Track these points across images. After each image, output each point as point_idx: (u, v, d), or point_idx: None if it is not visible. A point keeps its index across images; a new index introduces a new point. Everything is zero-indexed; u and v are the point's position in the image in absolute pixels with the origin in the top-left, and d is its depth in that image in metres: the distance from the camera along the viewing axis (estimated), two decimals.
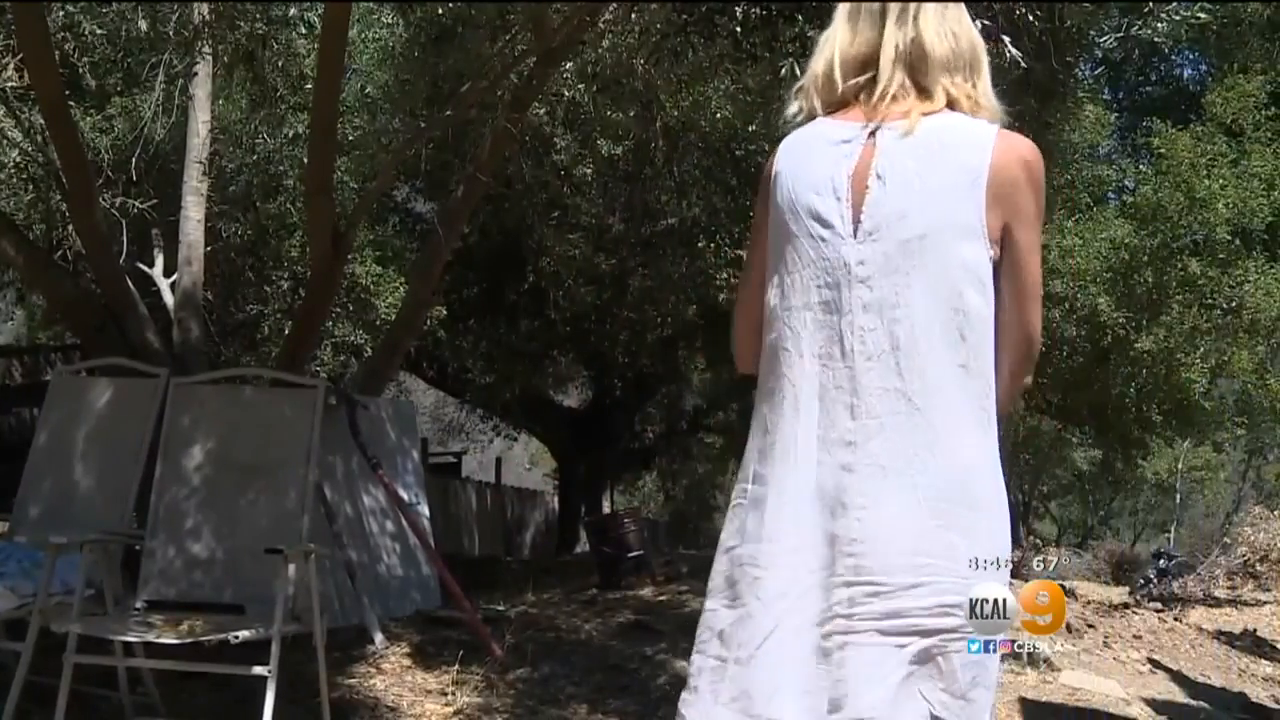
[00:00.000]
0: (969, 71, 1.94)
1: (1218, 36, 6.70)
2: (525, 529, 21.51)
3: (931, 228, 1.85)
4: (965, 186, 1.85)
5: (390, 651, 6.44)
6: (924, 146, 1.89)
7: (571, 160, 9.35)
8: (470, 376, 15.19)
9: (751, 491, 1.96)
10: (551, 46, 6.36)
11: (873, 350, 1.87)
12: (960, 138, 1.89)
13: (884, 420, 1.85)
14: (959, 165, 1.87)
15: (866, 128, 1.92)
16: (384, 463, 7.28)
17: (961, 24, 1.97)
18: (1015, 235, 1.88)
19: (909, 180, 1.87)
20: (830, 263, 1.90)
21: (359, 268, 9.88)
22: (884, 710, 1.78)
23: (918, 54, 1.93)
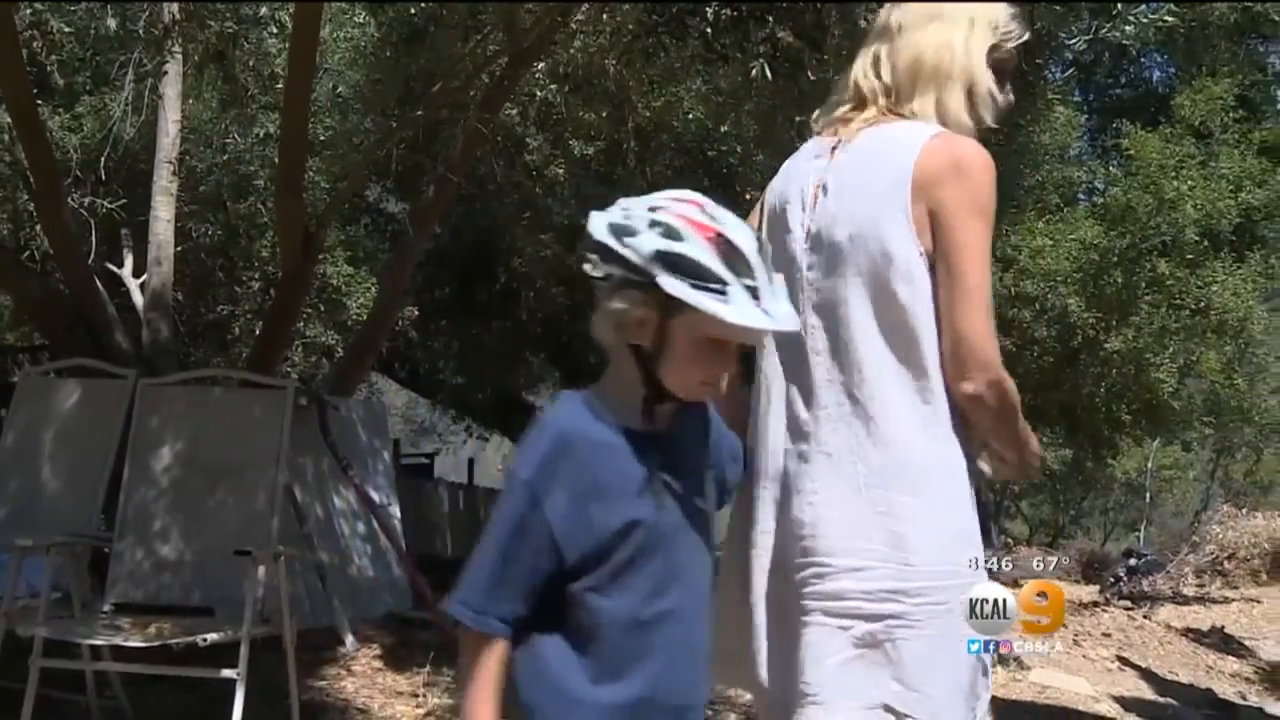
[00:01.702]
0: (932, 84, 2.01)
1: (1185, 39, 6.74)
2: None
3: (860, 227, 1.94)
4: (891, 184, 1.92)
5: (361, 653, 6.42)
6: (861, 154, 1.99)
7: (543, 160, 9.33)
8: (442, 377, 15.14)
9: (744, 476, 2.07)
10: (523, 47, 6.35)
11: (820, 346, 1.98)
12: (894, 142, 1.97)
13: (830, 411, 1.95)
14: (887, 164, 1.94)
15: (832, 143, 2.05)
16: (355, 464, 7.26)
17: (933, 41, 2.01)
18: (944, 231, 1.89)
19: (843, 187, 1.98)
20: (790, 266, 2.00)
21: (330, 268, 9.84)
22: (823, 689, 1.87)
23: (887, 74, 2.04)
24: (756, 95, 5.45)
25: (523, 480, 1.66)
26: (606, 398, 1.71)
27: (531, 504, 1.64)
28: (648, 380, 1.67)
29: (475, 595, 1.68)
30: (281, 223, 7.17)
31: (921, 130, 1.96)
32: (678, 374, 1.67)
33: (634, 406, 1.69)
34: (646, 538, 1.66)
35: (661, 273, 1.60)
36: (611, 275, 1.65)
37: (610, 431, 1.68)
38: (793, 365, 2.02)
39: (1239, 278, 12.24)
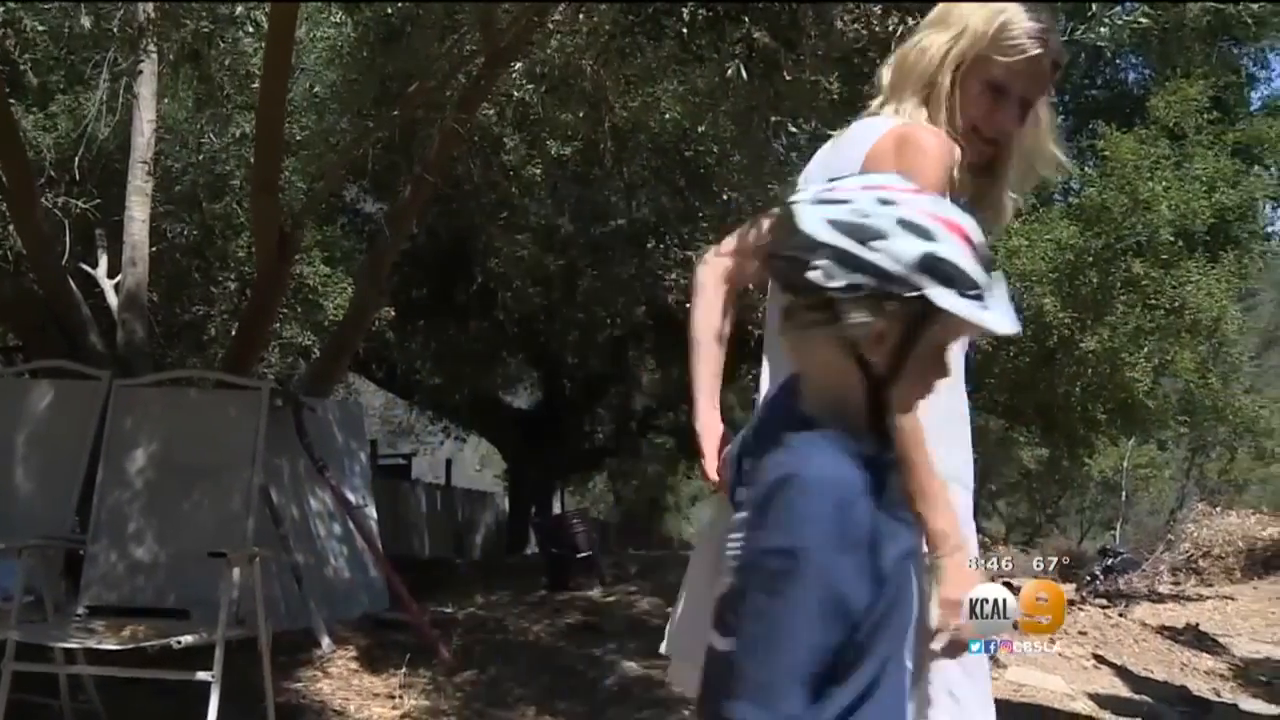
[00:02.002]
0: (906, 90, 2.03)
1: (1160, 41, 6.77)
2: (475, 530, 21.41)
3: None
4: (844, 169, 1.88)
5: (337, 655, 6.41)
6: (831, 145, 2.07)
7: (520, 161, 9.31)
8: (419, 378, 15.11)
9: None
10: (500, 47, 6.34)
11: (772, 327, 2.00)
12: (859, 132, 2.01)
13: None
14: (842, 155, 1.98)
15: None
16: (331, 465, 7.23)
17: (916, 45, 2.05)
18: None
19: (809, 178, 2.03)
20: None
21: (306, 268, 9.79)
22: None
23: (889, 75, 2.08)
24: (733, 96, 5.45)
25: (816, 561, 1.39)
26: (833, 426, 1.48)
27: (828, 584, 1.40)
28: (874, 400, 1.49)
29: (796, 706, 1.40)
30: (257, 223, 7.14)
31: (886, 123, 1.98)
32: (908, 390, 1.52)
33: (858, 430, 1.49)
34: (907, 572, 1.50)
35: (930, 283, 1.41)
36: (859, 286, 1.42)
37: (863, 471, 1.44)
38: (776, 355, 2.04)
39: (1213, 278, 12.30)
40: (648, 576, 9.34)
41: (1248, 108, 15.50)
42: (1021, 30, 1.96)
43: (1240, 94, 15.36)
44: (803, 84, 4.93)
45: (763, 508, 1.43)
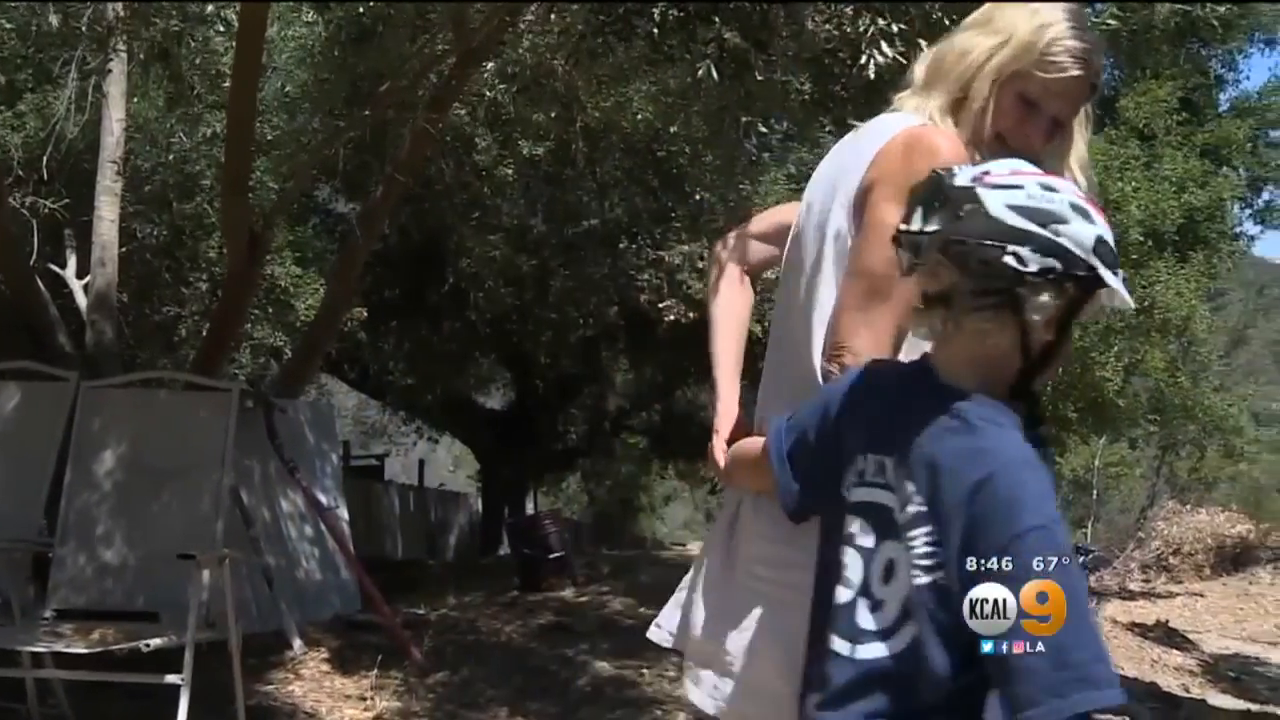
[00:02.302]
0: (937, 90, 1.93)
1: (1129, 43, 6.82)
2: (449, 531, 21.36)
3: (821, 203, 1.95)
4: (848, 168, 1.89)
5: (309, 657, 6.38)
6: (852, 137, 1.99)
7: (492, 161, 9.31)
8: (392, 378, 15.07)
9: None
10: (471, 46, 6.33)
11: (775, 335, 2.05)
12: (877, 127, 1.93)
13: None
14: (865, 144, 1.90)
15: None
16: (302, 466, 7.20)
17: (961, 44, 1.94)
18: (869, 205, 1.84)
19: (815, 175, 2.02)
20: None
21: (278, 269, 9.75)
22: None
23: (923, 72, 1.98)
24: (704, 96, 5.46)
25: (1063, 530, 1.46)
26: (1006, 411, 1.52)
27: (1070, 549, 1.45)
28: (1024, 384, 1.55)
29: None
30: (227, 223, 7.11)
31: (902, 120, 1.92)
32: (1050, 371, 1.58)
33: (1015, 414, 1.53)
34: None
35: (1100, 265, 1.48)
36: (1051, 269, 1.46)
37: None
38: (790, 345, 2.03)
39: (1182, 278, 12.41)
40: (620, 577, 9.35)
41: (1216, 109, 15.64)
42: (1065, 49, 1.87)
43: (1209, 96, 15.49)
44: (774, 84, 4.94)
45: (990, 494, 1.43)
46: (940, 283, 1.53)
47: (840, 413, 1.66)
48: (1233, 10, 8.08)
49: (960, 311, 1.51)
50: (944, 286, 1.52)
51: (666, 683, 6.29)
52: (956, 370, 1.55)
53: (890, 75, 4.58)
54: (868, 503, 1.57)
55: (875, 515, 1.56)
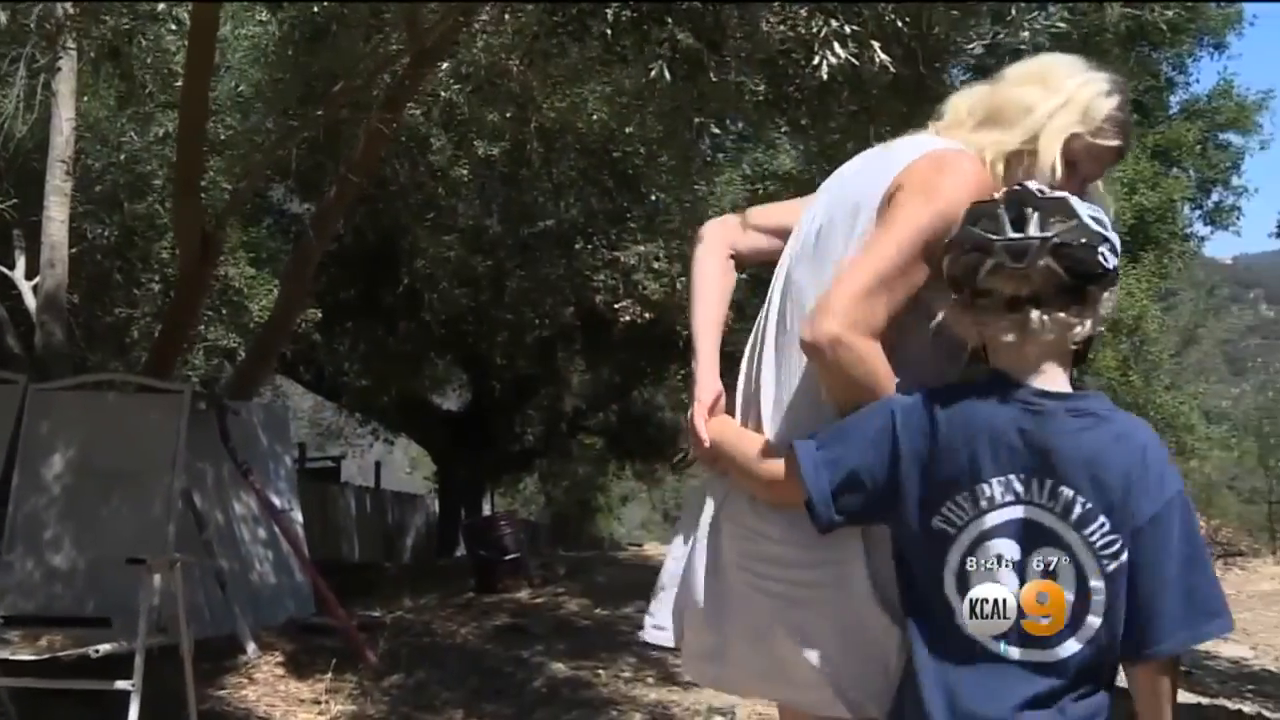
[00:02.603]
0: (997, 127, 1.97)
1: (1081, 45, 6.89)
2: (406, 533, 21.28)
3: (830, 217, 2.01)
4: (873, 178, 1.96)
5: (263, 661, 6.34)
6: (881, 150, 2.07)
7: (447, 161, 9.27)
8: (347, 379, 14.99)
9: None
10: (425, 46, 6.30)
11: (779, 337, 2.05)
12: (910, 142, 2.01)
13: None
14: (883, 161, 1.98)
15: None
16: (255, 468, 7.15)
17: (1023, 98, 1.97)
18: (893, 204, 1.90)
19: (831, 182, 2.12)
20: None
21: (232, 269, 9.68)
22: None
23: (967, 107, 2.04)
24: (659, 97, 5.46)
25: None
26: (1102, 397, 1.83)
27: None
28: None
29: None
30: (179, 223, 7.04)
31: (933, 139, 1.99)
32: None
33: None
34: None
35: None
36: (1118, 267, 1.76)
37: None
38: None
39: (1133, 278, 12.55)
40: (576, 578, 9.35)
41: (1167, 112, 15.84)
42: (1114, 120, 1.97)
43: (1159, 99, 15.69)
44: (728, 85, 4.95)
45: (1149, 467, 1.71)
46: (1032, 285, 1.70)
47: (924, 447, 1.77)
48: (1181, 15, 8.19)
49: (1053, 308, 1.70)
50: (1035, 288, 1.70)
51: (622, 683, 6.30)
52: (1043, 367, 1.75)
53: (843, 76, 4.61)
54: (1008, 522, 1.72)
55: (1019, 530, 1.72)
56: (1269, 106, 16.22)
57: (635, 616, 8.28)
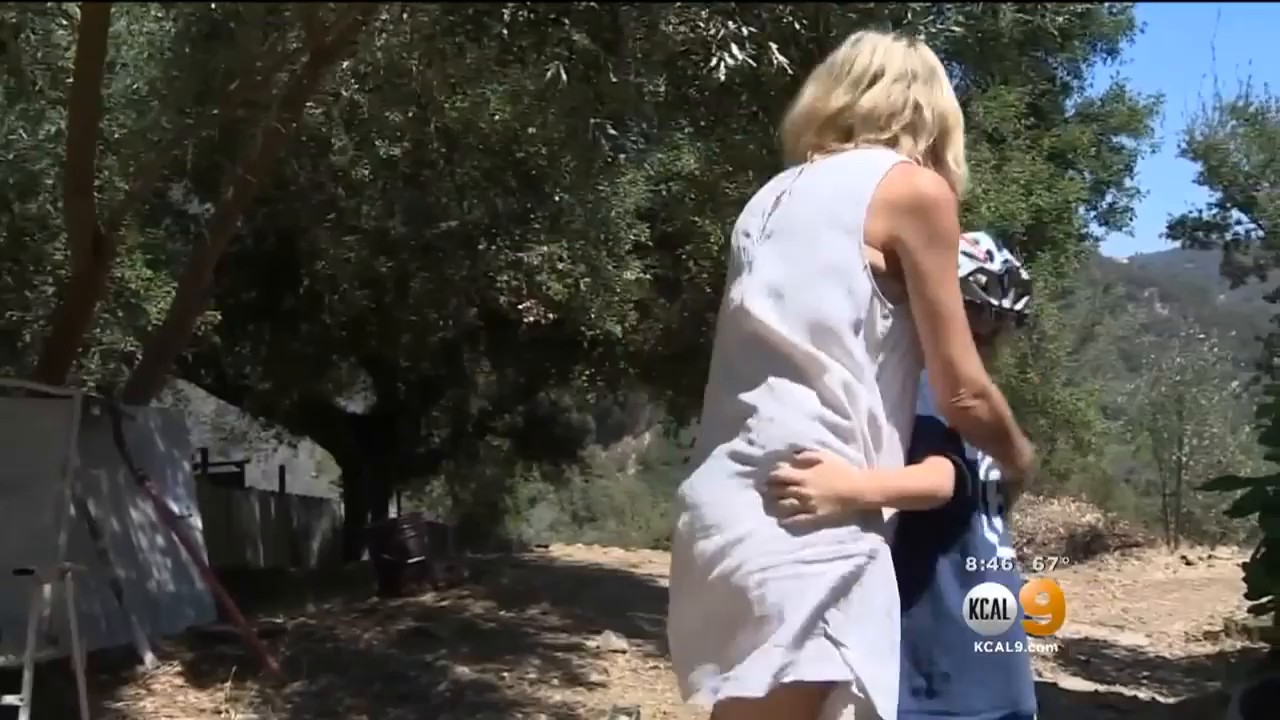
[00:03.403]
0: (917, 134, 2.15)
1: (978, 50, 7.02)
2: (312, 538, 21.02)
3: (809, 221, 2.08)
4: (844, 195, 2.05)
5: (161, 671, 6.22)
6: (828, 168, 2.13)
7: (348, 162, 9.17)
8: (248, 383, 14.75)
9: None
10: (324, 45, 6.23)
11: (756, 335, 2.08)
12: (861, 161, 2.10)
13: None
14: (846, 177, 2.08)
15: (799, 168, 2.18)
16: (152, 474, 7.01)
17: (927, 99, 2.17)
18: (909, 261, 2.01)
19: (800, 191, 2.13)
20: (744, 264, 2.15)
21: (128, 271, 9.47)
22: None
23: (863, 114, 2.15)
24: (559, 97, 5.45)
25: None
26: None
27: None
28: None
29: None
30: (70, 224, 6.88)
31: (888, 156, 2.09)
32: None
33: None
34: None
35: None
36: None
37: None
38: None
39: (1031, 276, 12.77)
40: (481, 580, 9.30)
41: (1062, 115, 16.17)
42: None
43: (1055, 102, 16.03)
44: (627, 86, 4.96)
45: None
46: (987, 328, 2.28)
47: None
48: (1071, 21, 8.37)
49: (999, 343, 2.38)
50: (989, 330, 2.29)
51: (527, 685, 6.29)
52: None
53: (741, 78, 4.64)
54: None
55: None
56: (1160, 111, 16.66)
57: (540, 618, 8.27)
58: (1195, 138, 15.13)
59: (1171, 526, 21.75)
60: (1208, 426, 22.47)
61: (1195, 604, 12.09)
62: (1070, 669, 8.72)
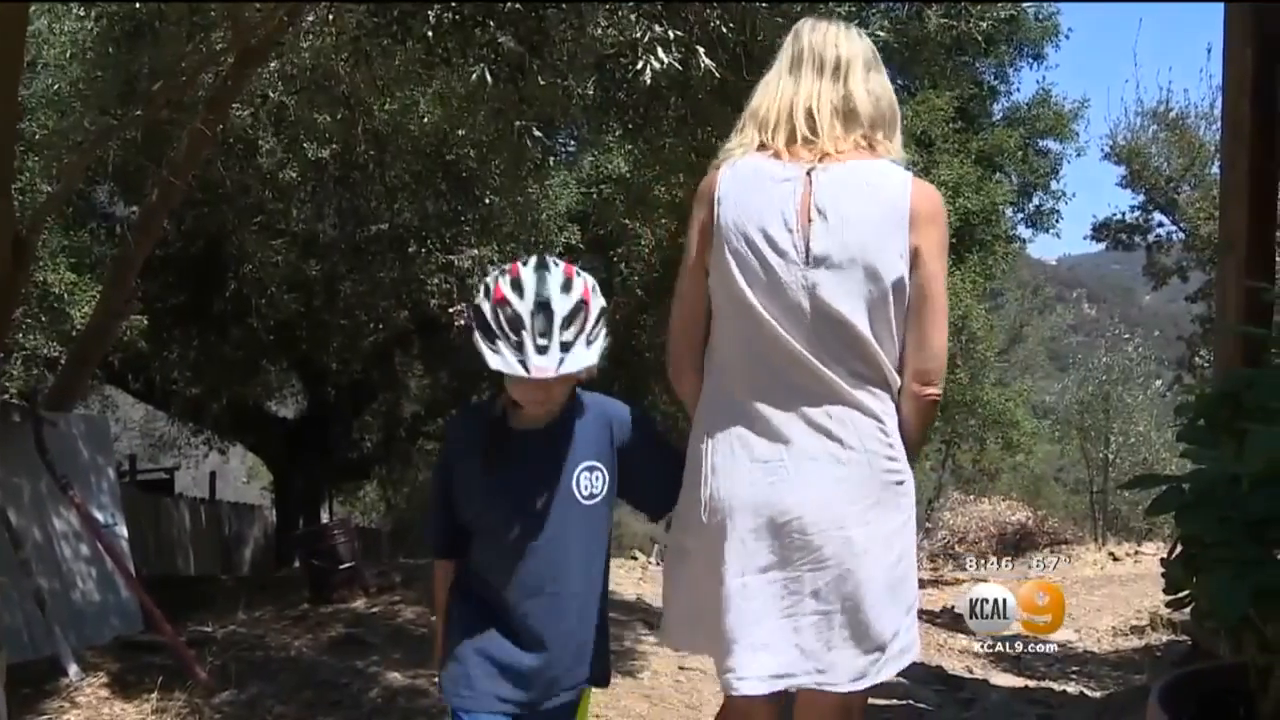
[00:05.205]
0: (887, 128, 2.40)
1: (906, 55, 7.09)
2: (244, 545, 20.77)
3: (864, 253, 2.25)
4: (888, 218, 2.26)
5: (86, 683, 6.12)
6: (854, 185, 2.29)
7: (276, 164, 9.07)
8: (176, 388, 14.55)
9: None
10: (249, 45, 6.16)
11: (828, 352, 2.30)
12: (883, 179, 2.30)
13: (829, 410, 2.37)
14: (883, 199, 2.27)
15: (804, 168, 2.31)
16: (76, 482, 6.89)
17: (883, 88, 2.41)
18: (925, 261, 2.28)
19: (844, 215, 2.27)
20: (788, 284, 2.28)
21: (51, 275, 9.31)
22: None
23: (848, 109, 2.36)
24: (487, 99, 5.43)
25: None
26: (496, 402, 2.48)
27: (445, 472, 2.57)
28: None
29: None
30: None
31: (898, 170, 2.32)
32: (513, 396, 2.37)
33: (505, 410, 2.44)
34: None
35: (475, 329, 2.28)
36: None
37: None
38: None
39: (958, 278, 12.92)
40: (412, 585, 9.22)
41: (990, 119, 16.40)
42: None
43: (983, 106, 16.26)
44: (554, 88, 4.95)
45: None
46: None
47: None
48: (996, 26, 8.47)
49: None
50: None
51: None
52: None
53: (668, 81, 4.65)
54: None
55: None
56: (1084, 115, 16.94)
57: None
58: (1118, 142, 15.36)
59: (1099, 524, 22.09)
60: (1134, 425, 22.85)
61: (1122, 599, 12.29)
62: (1001, 665, 8.83)
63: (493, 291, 2.25)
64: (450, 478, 2.45)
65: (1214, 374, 8.26)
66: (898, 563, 2.30)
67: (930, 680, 7.66)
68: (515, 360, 2.22)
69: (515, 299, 2.22)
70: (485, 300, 2.26)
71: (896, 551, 2.30)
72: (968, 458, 20.90)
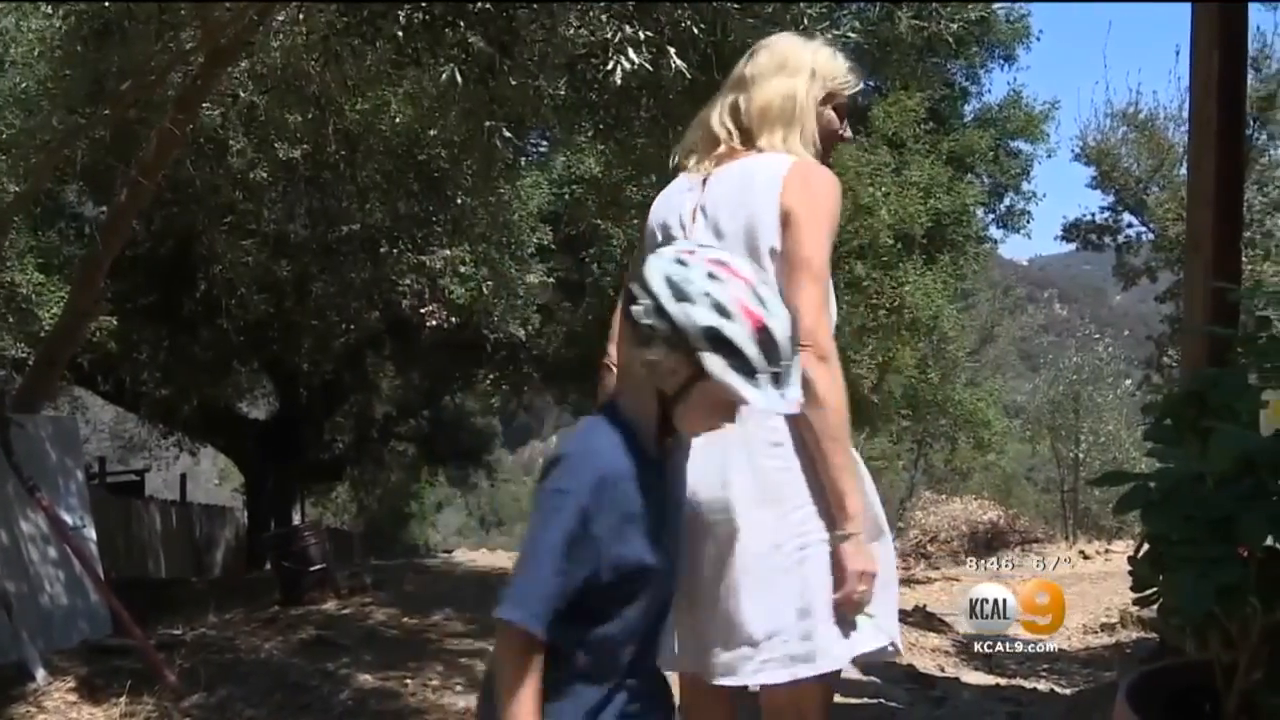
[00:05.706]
0: (785, 128, 2.42)
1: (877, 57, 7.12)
2: (215, 547, 20.66)
3: (746, 234, 2.34)
4: (769, 194, 2.33)
5: (54, 687, 6.06)
6: (732, 178, 2.41)
7: (247, 164, 9.02)
8: (146, 389, 14.47)
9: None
10: (219, 45, 6.13)
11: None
12: (763, 167, 2.38)
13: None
14: (760, 178, 2.36)
15: (701, 176, 2.46)
16: (43, 485, 6.83)
17: (783, 91, 2.43)
18: (793, 223, 2.30)
19: (719, 201, 2.40)
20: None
21: (19, 275, 9.26)
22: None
23: (747, 116, 2.45)
24: (459, 99, 5.42)
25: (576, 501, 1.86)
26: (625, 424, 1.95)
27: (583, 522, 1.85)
28: (663, 418, 1.93)
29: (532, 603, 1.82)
30: None
31: (783, 158, 2.38)
32: (689, 421, 1.94)
33: (648, 434, 1.95)
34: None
35: (707, 350, 1.82)
36: (655, 329, 1.84)
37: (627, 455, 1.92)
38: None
39: (929, 279, 12.98)
40: (384, 587, 9.21)
41: (961, 120, 16.47)
42: (847, 68, 2.51)
43: (954, 107, 16.33)
44: (525, 88, 4.95)
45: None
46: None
47: None
48: (966, 27, 8.50)
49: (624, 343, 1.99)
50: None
51: (430, 691, 6.23)
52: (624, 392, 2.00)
53: (639, 82, 4.66)
54: None
55: None
56: (1055, 116, 17.05)
57: (443, 624, 8.21)
58: (1088, 143, 15.50)
59: (1070, 522, 22.23)
60: (1104, 424, 23.01)
61: (1093, 597, 12.37)
62: (973, 663, 8.87)
63: (741, 316, 1.82)
64: (585, 533, 1.84)
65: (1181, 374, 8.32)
66: (773, 553, 2.23)
67: (901, 679, 7.68)
68: (777, 394, 1.85)
69: (773, 323, 1.84)
70: (734, 325, 1.82)
71: (771, 542, 2.23)
72: (939, 457, 21.01)
